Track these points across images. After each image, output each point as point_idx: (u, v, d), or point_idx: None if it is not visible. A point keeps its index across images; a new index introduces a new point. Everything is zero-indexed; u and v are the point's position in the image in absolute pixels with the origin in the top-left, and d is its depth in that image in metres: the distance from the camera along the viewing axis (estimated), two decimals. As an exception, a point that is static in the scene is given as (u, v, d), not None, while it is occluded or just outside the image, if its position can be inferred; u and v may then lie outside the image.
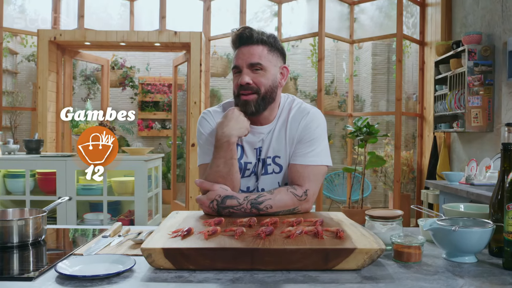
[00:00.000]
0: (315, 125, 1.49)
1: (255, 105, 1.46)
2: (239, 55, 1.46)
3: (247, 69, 1.44)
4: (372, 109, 6.86)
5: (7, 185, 3.23)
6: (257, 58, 1.43)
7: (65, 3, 5.04)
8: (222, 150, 1.43)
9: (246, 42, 1.45)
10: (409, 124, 6.57)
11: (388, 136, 4.94)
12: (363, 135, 4.70)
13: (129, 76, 7.16)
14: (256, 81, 1.44)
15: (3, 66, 6.52)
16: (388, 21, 5.12)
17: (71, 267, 1.00)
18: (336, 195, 6.56)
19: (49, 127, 4.68)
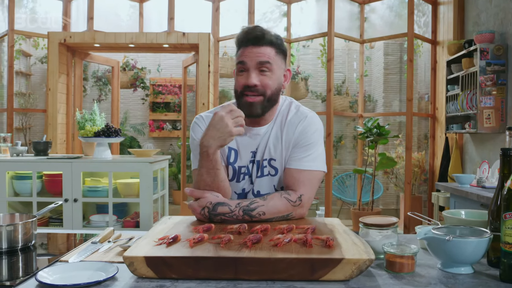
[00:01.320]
0: (312, 130, 1.46)
1: (261, 107, 1.43)
2: (247, 53, 1.40)
3: (255, 69, 1.40)
4: (384, 110, 6.77)
5: (15, 186, 3.26)
6: (266, 58, 1.40)
7: (75, 5, 5.08)
8: (203, 159, 1.38)
9: (257, 42, 1.40)
10: (422, 124, 6.47)
11: (398, 137, 4.85)
12: (373, 136, 4.63)
13: (140, 77, 7.20)
14: (263, 83, 1.41)
15: (17, 68, 6.62)
16: (399, 20, 5.04)
17: (53, 275, 0.98)
18: (347, 197, 6.49)
19: (59, 128, 4.72)
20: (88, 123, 3.35)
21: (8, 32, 4.69)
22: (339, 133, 7.47)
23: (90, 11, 4.93)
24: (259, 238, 1.09)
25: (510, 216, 0.98)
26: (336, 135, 7.50)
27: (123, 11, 5.20)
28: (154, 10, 5.19)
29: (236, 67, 1.44)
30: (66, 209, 3.12)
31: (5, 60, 5.03)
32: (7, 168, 3.17)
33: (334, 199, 7.02)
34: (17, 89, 6.73)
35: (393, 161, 4.75)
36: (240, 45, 1.43)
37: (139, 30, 5.15)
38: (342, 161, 7.54)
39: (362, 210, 4.93)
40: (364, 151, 5.45)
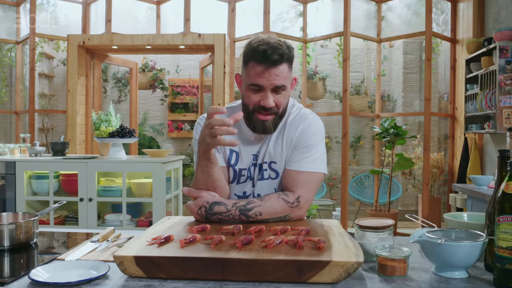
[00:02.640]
0: (312, 132, 1.45)
1: (274, 124, 1.43)
2: (264, 75, 1.35)
3: (271, 91, 1.38)
4: (403, 109, 6.67)
5: (33, 186, 3.35)
6: (282, 80, 1.36)
7: (94, 8, 5.18)
8: (199, 157, 1.39)
9: (274, 64, 1.34)
10: (442, 124, 6.34)
11: (416, 137, 4.77)
12: (390, 137, 4.57)
13: (159, 78, 7.28)
14: (277, 102, 1.40)
15: (40, 70, 6.79)
16: (416, 18, 4.95)
17: (46, 273, 1.00)
18: (366, 198, 6.41)
19: (78, 129, 4.82)
20: (104, 124, 3.41)
21: (30, 35, 4.82)
22: (357, 134, 7.40)
23: (108, 13, 5.02)
24: (250, 240, 1.09)
25: (503, 220, 0.95)
26: (355, 135, 7.43)
27: (140, 13, 5.27)
28: (171, 11, 5.25)
29: (247, 85, 1.39)
30: (82, 208, 3.19)
31: (27, 63, 5.16)
32: (25, 168, 3.26)
33: (352, 200, 6.96)
34: (40, 91, 6.91)
35: (410, 162, 4.68)
36: (254, 60, 1.36)
37: (156, 32, 5.21)
38: (361, 161, 7.46)
39: (379, 211, 4.86)
40: (381, 152, 5.38)
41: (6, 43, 5.30)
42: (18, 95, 5.24)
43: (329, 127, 7.53)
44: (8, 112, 6.09)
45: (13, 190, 3.25)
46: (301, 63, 5.32)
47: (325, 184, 6.98)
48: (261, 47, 1.34)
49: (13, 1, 5.23)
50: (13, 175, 3.25)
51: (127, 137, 3.29)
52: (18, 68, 5.19)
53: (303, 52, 5.18)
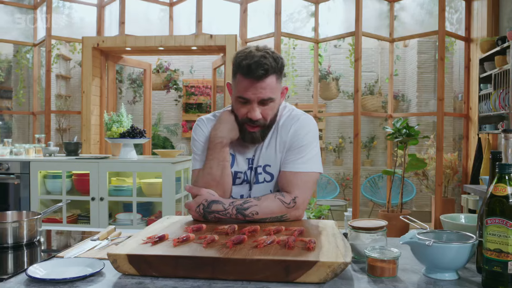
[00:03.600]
0: (304, 132, 1.46)
1: (262, 134, 1.46)
2: (250, 89, 1.36)
3: (257, 104, 1.40)
4: (418, 109, 6.60)
5: (46, 185, 3.43)
6: (269, 92, 1.37)
7: (108, 11, 5.26)
8: (216, 151, 1.44)
9: (260, 78, 1.35)
10: (457, 125, 6.26)
11: (429, 137, 4.72)
12: (402, 137, 4.53)
13: (173, 79, 7.35)
14: (264, 114, 1.42)
15: (57, 71, 6.93)
16: (429, 17, 4.90)
17: (43, 270, 1.04)
18: (379, 198, 6.37)
19: (93, 129, 4.90)
20: (115, 125, 3.47)
21: (46, 37, 4.92)
22: (371, 134, 7.35)
23: (121, 16, 5.09)
24: (241, 239, 1.11)
25: (491, 222, 0.95)
26: (369, 135, 7.38)
27: (153, 14, 5.34)
28: (183, 13, 5.30)
29: (236, 97, 1.42)
30: (93, 208, 3.25)
31: (44, 65, 5.28)
32: (39, 167, 3.34)
33: (366, 201, 6.92)
34: (57, 92, 7.06)
35: (423, 162, 4.63)
36: (240, 73, 1.37)
37: (169, 33, 5.27)
38: (375, 162, 7.41)
39: (391, 212, 4.83)
40: (394, 152, 5.34)
41: (24, 45, 5.42)
42: (35, 97, 5.36)
43: (342, 127, 7.50)
44: (26, 113, 6.24)
45: (27, 189, 3.34)
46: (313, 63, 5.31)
47: (338, 184, 6.95)
48: (245, 62, 1.35)
49: (30, 4, 5.35)
50: (27, 174, 3.33)
51: (137, 138, 3.35)
52: (35, 70, 5.31)
53: (315, 53, 5.18)
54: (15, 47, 5.99)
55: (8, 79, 6.91)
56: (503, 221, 0.93)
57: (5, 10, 5.23)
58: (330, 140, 7.59)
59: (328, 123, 7.61)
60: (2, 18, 5.26)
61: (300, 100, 7.58)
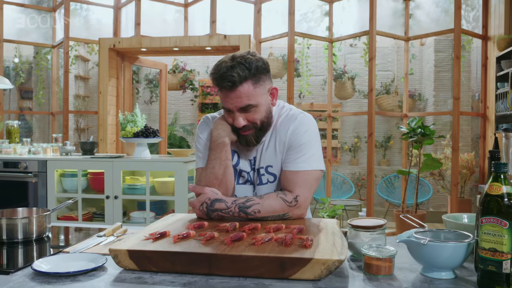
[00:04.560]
0: (303, 130, 1.47)
1: (255, 138, 1.47)
2: (227, 99, 1.40)
3: (239, 112, 1.42)
4: (435, 109, 6.52)
5: (63, 183, 3.51)
6: (245, 100, 1.39)
7: (124, 12, 5.35)
8: (217, 151, 1.47)
9: (232, 87, 1.37)
10: (474, 124, 6.16)
11: (444, 137, 4.66)
12: (416, 136, 4.49)
13: (189, 79, 7.42)
14: (250, 119, 1.44)
15: (76, 72, 7.07)
16: (445, 16, 4.84)
17: (48, 264, 1.08)
18: (395, 198, 6.31)
19: (109, 129, 4.99)
20: (130, 124, 3.53)
21: (64, 39, 5.03)
22: (387, 133, 7.29)
23: (137, 17, 5.17)
24: (240, 236, 1.13)
25: (486, 221, 0.95)
26: (385, 135, 7.32)
27: (169, 15, 5.40)
28: (198, 13, 5.35)
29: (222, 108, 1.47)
30: (108, 206, 3.32)
31: (62, 66, 5.40)
32: (56, 166, 3.42)
33: (381, 201, 6.86)
34: (76, 92, 7.20)
35: (438, 162, 4.57)
36: (214, 84, 1.43)
37: (184, 34, 5.32)
38: (391, 161, 7.34)
39: (406, 212, 4.78)
40: (409, 152, 5.28)
41: (43, 47, 5.55)
42: (54, 97, 5.48)
43: (358, 127, 7.46)
44: (45, 113, 6.38)
45: (45, 187, 3.42)
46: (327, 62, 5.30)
47: (354, 184, 6.92)
48: (213, 76, 1.40)
49: (49, 6, 5.47)
50: (44, 173, 3.42)
51: (151, 137, 3.40)
52: (54, 71, 5.43)
53: (329, 52, 5.16)
54: (35, 49, 6.14)
55: (29, 80, 7.09)
56: (498, 220, 0.93)
57: (25, 13, 5.37)
58: (345, 139, 7.55)
59: (344, 122, 7.58)
60: (22, 21, 5.40)
61: (315, 100, 7.57)
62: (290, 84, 4.78)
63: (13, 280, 1.00)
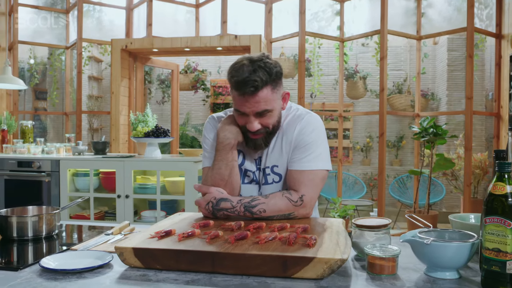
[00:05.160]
0: (309, 130, 1.47)
1: (265, 141, 1.48)
2: (244, 103, 1.38)
3: (254, 116, 1.41)
4: (448, 108, 6.45)
5: (75, 183, 3.56)
6: (263, 105, 1.38)
7: (136, 13, 5.39)
8: (224, 152, 1.47)
9: (252, 93, 1.35)
10: (488, 124, 6.08)
11: (457, 137, 4.60)
12: (428, 136, 4.44)
13: (200, 79, 7.46)
14: (264, 123, 1.43)
15: (89, 73, 7.16)
16: (458, 14, 4.78)
17: (55, 261, 1.10)
18: (408, 199, 6.26)
19: (121, 129, 5.04)
20: (141, 124, 3.57)
21: (77, 40, 5.10)
22: (400, 133, 7.23)
23: (149, 18, 5.21)
24: (244, 235, 1.14)
25: (490, 221, 0.94)
26: (397, 135, 7.26)
27: (180, 16, 5.43)
28: (209, 14, 5.37)
29: (234, 108, 1.44)
30: (119, 205, 3.35)
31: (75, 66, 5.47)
32: (68, 165, 3.47)
33: (394, 201, 6.81)
34: (89, 93, 7.29)
35: (451, 162, 4.52)
36: (233, 88, 1.39)
37: (195, 34, 5.35)
38: (404, 161, 7.28)
39: (418, 213, 4.74)
40: (421, 152, 5.24)
41: (57, 48, 5.63)
42: (68, 97, 5.55)
43: (370, 126, 7.42)
44: (59, 113, 6.47)
45: (57, 186, 3.48)
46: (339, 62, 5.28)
47: (366, 184, 6.88)
48: (234, 79, 1.36)
49: (63, 8, 5.55)
50: (57, 172, 3.47)
51: (161, 137, 3.42)
52: (67, 72, 5.50)
53: (340, 52, 5.14)
54: (50, 50, 6.23)
55: (44, 81, 7.20)
56: (501, 220, 0.92)
57: (39, 15, 5.45)
58: (357, 139, 7.51)
59: (356, 122, 7.54)
60: (37, 23, 5.48)
61: (327, 99, 7.55)
62: (301, 84, 4.78)
63: (21, 276, 1.02)
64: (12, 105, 5.20)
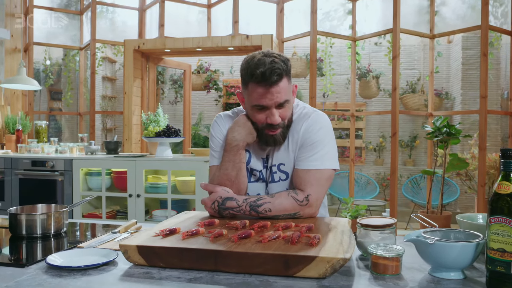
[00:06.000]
0: (316, 128, 1.47)
1: (283, 136, 1.48)
2: (267, 95, 1.38)
3: (276, 108, 1.42)
4: (462, 107, 6.36)
5: (88, 182, 3.60)
6: (284, 95, 1.40)
7: (149, 14, 5.44)
8: (232, 153, 1.48)
9: (275, 82, 1.37)
10: (503, 123, 5.98)
11: (470, 136, 4.54)
12: (442, 136, 4.39)
13: (213, 79, 7.48)
14: (282, 116, 1.44)
15: (103, 73, 7.23)
16: (472, 12, 4.71)
17: (61, 258, 1.11)
18: (421, 199, 6.19)
19: (134, 129, 5.08)
20: (152, 124, 3.60)
21: (90, 41, 5.16)
22: (413, 133, 7.16)
23: (161, 18, 5.25)
24: (248, 234, 1.14)
25: (495, 221, 0.93)
26: (410, 135, 7.19)
27: (192, 16, 5.46)
28: (221, 14, 5.39)
29: (251, 105, 1.43)
30: (130, 204, 3.39)
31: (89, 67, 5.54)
32: (81, 165, 3.52)
33: (407, 201, 6.75)
34: (103, 93, 7.37)
35: (464, 162, 4.46)
36: (254, 82, 1.39)
37: (207, 35, 5.37)
38: (417, 161, 7.21)
39: (431, 213, 4.69)
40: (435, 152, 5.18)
41: (72, 49, 5.70)
42: (81, 98, 5.62)
43: (383, 126, 7.36)
44: (74, 113, 6.56)
45: (70, 185, 3.52)
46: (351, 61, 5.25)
47: (379, 184, 6.82)
48: (259, 71, 1.36)
49: (77, 10, 5.62)
50: (70, 171, 3.52)
51: (172, 137, 3.45)
52: (81, 72, 5.57)
53: (352, 51, 5.11)
54: (64, 51, 6.32)
55: (59, 81, 7.30)
56: (506, 220, 0.91)
57: (54, 17, 5.53)
58: (370, 139, 7.46)
59: (369, 122, 7.49)
60: (52, 24, 5.56)
61: (340, 99, 7.51)
62: (313, 83, 4.76)
63: (28, 273, 1.04)
64: (28, 105, 5.29)
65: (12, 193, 3.71)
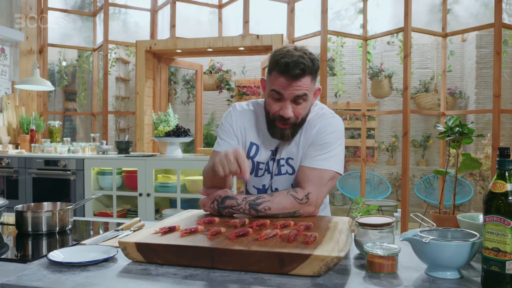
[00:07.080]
0: (329, 130, 1.48)
1: (292, 132, 1.49)
2: (285, 85, 1.39)
3: (290, 101, 1.42)
4: (476, 107, 6.28)
5: (99, 181, 3.66)
6: (303, 90, 1.40)
7: (160, 15, 5.48)
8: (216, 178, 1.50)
9: (297, 77, 1.38)
10: (519, 123, 5.88)
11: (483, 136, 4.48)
12: (454, 135, 4.34)
13: (225, 79, 7.52)
14: (296, 113, 1.44)
15: (117, 74, 7.32)
16: (485, 10, 4.65)
17: (62, 255, 1.14)
18: (434, 199, 6.13)
19: (146, 129, 5.13)
20: (162, 124, 3.63)
21: (103, 42, 5.23)
22: (426, 133, 7.08)
23: (172, 19, 5.29)
24: (246, 232, 1.15)
25: (489, 220, 0.92)
26: (423, 134, 7.12)
27: (203, 17, 5.49)
28: (232, 14, 5.41)
29: (269, 90, 1.44)
30: (141, 203, 3.43)
31: (102, 68, 5.61)
32: (92, 164, 3.57)
33: (420, 202, 6.68)
34: (117, 93, 7.45)
35: (477, 162, 4.36)
36: (277, 70, 1.40)
37: (218, 35, 5.40)
38: (430, 161, 7.13)
39: (444, 213, 4.63)
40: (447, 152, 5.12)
41: (85, 50, 5.79)
42: (95, 98, 5.70)
43: (396, 126, 7.30)
44: (87, 113, 6.65)
45: (82, 184, 3.58)
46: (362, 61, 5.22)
47: (391, 184, 6.77)
48: (283, 60, 1.37)
49: (90, 11, 5.70)
50: (82, 171, 3.57)
51: (182, 136, 3.47)
52: (95, 73, 5.65)
53: (363, 50, 5.08)
54: (78, 52, 6.41)
55: (73, 82, 7.42)
56: (501, 219, 0.90)
57: (68, 19, 5.62)
58: (383, 139, 7.40)
59: (381, 121, 7.43)
60: (66, 26, 5.65)
61: (351, 98, 7.47)
62: (323, 83, 4.75)
63: (29, 268, 1.07)
64: (42, 106, 5.38)
65: (26, 191, 3.78)
